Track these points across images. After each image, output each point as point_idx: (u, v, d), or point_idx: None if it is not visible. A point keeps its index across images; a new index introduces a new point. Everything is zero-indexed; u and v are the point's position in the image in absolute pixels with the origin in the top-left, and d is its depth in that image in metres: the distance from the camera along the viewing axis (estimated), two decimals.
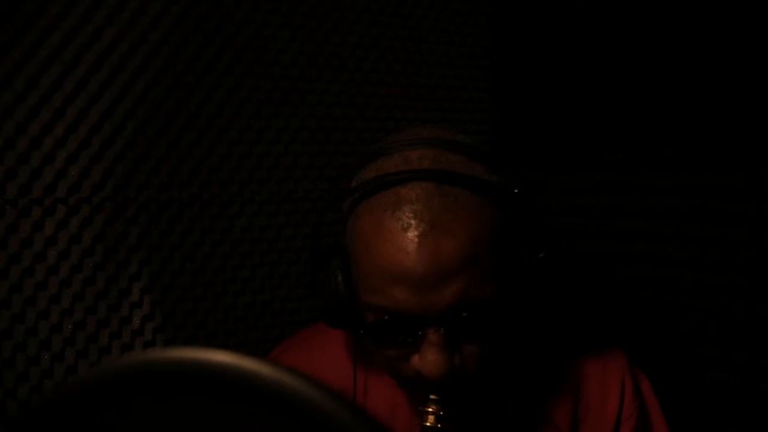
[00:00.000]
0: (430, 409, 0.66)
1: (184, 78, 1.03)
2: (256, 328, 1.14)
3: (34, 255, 0.92)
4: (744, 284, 1.06)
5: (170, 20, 1.00)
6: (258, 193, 1.12)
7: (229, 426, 0.32)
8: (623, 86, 1.20)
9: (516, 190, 0.68)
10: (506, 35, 1.37)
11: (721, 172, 1.07)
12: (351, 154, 1.20)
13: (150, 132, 1.01)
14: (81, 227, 0.95)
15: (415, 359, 0.66)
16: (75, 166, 0.94)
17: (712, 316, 1.10)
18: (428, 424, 0.66)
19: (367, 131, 1.22)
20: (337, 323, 0.72)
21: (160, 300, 1.03)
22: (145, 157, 1.01)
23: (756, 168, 1.03)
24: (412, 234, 0.62)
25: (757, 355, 1.05)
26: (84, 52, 0.94)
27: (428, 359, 0.64)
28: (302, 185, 1.17)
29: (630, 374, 0.84)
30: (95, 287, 0.97)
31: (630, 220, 1.19)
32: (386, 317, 0.65)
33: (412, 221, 0.62)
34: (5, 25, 0.88)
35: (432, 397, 0.67)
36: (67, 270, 0.94)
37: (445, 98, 1.32)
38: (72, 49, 0.93)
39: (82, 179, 0.95)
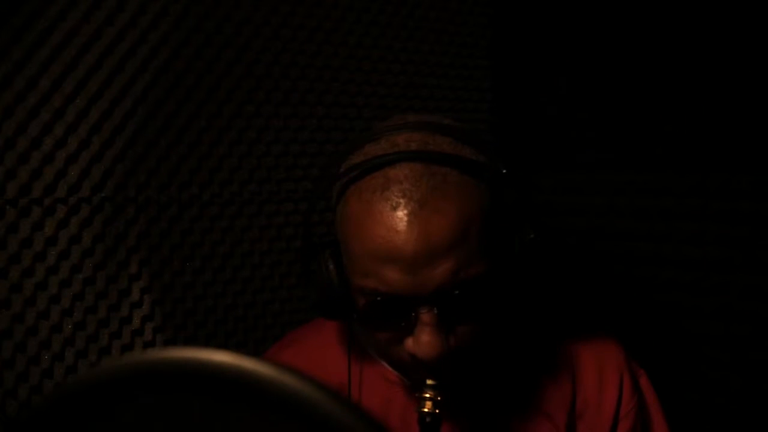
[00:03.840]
0: (427, 395, 0.66)
1: (184, 78, 1.03)
2: (256, 328, 1.14)
3: (34, 255, 0.92)
4: (744, 284, 1.06)
5: (170, 20, 1.00)
6: (258, 193, 1.12)
7: (229, 426, 0.32)
8: (623, 85, 1.20)
9: (504, 171, 0.68)
10: (506, 35, 1.37)
11: (722, 172, 1.07)
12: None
13: (150, 132, 1.01)
14: (81, 227, 0.95)
15: (409, 342, 0.66)
16: (75, 166, 0.94)
17: (712, 316, 1.10)
18: (426, 410, 0.66)
19: (367, 131, 1.22)
20: (331, 313, 0.72)
21: (160, 300, 1.03)
22: (145, 157, 1.01)
23: (756, 168, 1.03)
24: (401, 213, 0.62)
25: (757, 355, 1.05)
26: (84, 52, 0.94)
27: (422, 340, 0.64)
28: (302, 185, 1.17)
29: (628, 370, 0.84)
30: (95, 287, 0.97)
31: (630, 219, 1.19)
32: (378, 299, 0.65)
33: (401, 200, 0.62)
34: (5, 25, 0.88)
35: (429, 382, 0.67)
36: (67, 270, 0.94)
37: (445, 98, 1.32)
38: (72, 49, 0.93)
39: (82, 179, 0.95)
